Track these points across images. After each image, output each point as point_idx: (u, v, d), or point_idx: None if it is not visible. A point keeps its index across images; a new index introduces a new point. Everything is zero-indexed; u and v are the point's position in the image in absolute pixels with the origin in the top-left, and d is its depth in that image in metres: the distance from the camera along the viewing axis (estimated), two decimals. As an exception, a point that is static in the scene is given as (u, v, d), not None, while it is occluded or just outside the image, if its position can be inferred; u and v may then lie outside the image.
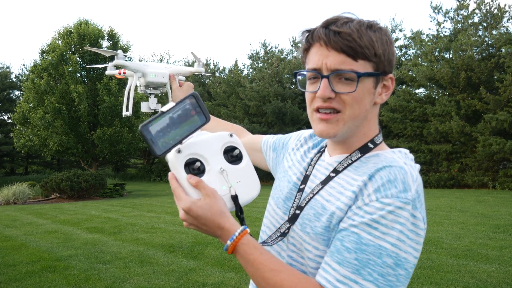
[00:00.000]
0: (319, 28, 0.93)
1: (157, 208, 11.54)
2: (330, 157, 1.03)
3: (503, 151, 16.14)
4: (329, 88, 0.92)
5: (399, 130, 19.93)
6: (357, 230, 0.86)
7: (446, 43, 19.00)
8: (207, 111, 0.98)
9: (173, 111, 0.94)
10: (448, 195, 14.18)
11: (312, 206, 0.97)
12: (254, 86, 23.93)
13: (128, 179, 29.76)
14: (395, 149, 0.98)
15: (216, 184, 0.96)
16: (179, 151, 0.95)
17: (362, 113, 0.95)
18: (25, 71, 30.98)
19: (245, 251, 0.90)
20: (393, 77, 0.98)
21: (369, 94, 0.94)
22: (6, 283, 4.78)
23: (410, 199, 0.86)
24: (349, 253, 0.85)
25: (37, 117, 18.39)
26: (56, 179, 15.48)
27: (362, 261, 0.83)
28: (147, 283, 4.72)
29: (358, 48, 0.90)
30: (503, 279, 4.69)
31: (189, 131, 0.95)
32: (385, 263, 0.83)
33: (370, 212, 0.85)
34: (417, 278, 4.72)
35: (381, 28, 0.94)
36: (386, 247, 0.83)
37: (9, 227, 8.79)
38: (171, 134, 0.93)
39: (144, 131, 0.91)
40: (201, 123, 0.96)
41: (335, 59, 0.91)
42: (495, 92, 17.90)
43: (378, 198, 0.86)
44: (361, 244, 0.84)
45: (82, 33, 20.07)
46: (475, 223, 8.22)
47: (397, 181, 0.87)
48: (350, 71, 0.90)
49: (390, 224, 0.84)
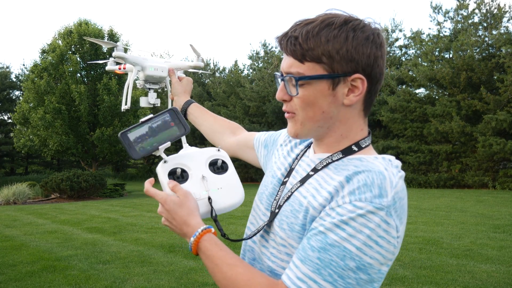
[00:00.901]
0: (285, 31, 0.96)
1: (157, 208, 11.51)
2: (314, 154, 1.03)
3: (503, 151, 16.14)
4: (284, 90, 0.95)
5: (399, 130, 19.92)
6: (325, 229, 0.85)
7: (446, 43, 19.00)
8: (186, 123, 1.05)
9: (152, 121, 1.02)
10: (448, 195, 14.18)
11: (290, 202, 0.97)
12: (254, 86, 23.94)
13: (128, 179, 29.76)
14: (379, 156, 0.96)
15: (196, 190, 1.03)
16: (165, 161, 1.03)
17: (319, 115, 0.93)
18: (25, 71, 31.00)
19: (206, 247, 0.93)
20: (362, 77, 0.90)
21: (324, 96, 0.91)
22: (6, 283, 4.78)
23: (384, 205, 0.83)
24: (312, 251, 0.84)
25: (37, 117, 18.38)
26: (56, 179, 15.49)
27: (324, 261, 0.83)
28: (147, 283, 4.71)
29: (301, 51, 0.90)
30: (503, 279, 4.69)
31: (168, 140, 1.02)
32: (347, 266, 0.82)
33: (340, 214, 0.84)
34: (417, 278, 4.72)
35: (356, 27, 0.90)
36: (350, 250, 0.82)
37: (9, 227, 8.79)
38: (149, 141, 1.01)
39: (122, 137, 0.99)
40: (180, 133, 1.04)
41: (286, 62, 0.93)
42: (495, 92, 17.90)
43: (351, 201, 0.84)
44: (326, 244, 0.83)
45: (82, 33, 20.05)
46: (475, 223, 8.22)
47: (373, 185, 0.85)
48: (296, 74, 0.91)
49: (358, 227, 0.82)
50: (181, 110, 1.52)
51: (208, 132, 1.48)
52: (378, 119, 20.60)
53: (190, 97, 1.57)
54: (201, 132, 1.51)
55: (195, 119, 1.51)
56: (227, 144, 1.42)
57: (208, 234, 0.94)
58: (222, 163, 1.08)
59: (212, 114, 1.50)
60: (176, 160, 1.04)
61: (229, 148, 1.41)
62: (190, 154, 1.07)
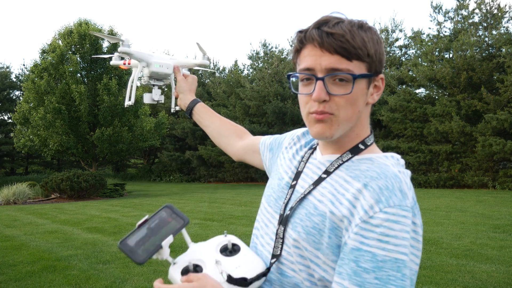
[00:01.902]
0: (311, 29, 0.92)
1: (157, 208, 11.62)
2: (322, 155, 1.02)
3: (503, 151, 16.13)
4: (324, 90, 0.90)
5: (399, 130, 19.92)
6: (370, 248, 0.83)
7: (446, 43, 19.00)
8: (184, 215, 1.01)
9: (149, 222, 0.98)
10: (448, 195, 14.18)
11: (304, 205, 0.96)
12: (254, 86, 23.93)
13: (128, 179, 29.76)
14: (387, 154, 0.97)
15: (214, 275, 0.96)
16: (174, 263, 0.99)
17: (356, 115, 0.94)
18: (25, 71, 31.02)
19: None
20: (383, 77, 0.98)
21: (362, 95, 0.94)
22: (6, 283, 4.78)
23: (409, 206, 0.85)
24: (367, 273, 0.83)
25: (37, 117, 18.37)
26: (56, 179, 15.48)
27: (383, 279, 0.82)
28: (147, 283, 4.71)
29: (352, 49, 0.88)
30: (503, 279, 4.69)
31: (169, 234, 0.98)
32: (405, 276, 0.82)
33: (377, 225, 0.83)
34: (417, 278, 4.72)
35: (371, 28, 0.93)
36: (402, 259, 0.82)
37: (9, 227, 8.79)
38: (151, 240, 0.97)
39: (122, 246, 0.95)
40: (179, 225, 1.00)
41: (329, 60, 0.89)
42: (495, 92, 17.90)
43: (382, 209, 0.84)
44: (377, 262, 0.82)
45: (83, 33, 20.06)
46: (475, 223, 8.22)
47: (395, 189, 0.86)
48: (346, 71, 0.89)
49: (399, 234, 0.83)
50: (186, 109, 1.50)
51: (215, 135, 1.46)
52: (378, 119, 20.60)
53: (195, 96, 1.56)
54: (207, 133, 1.49)
55: (201, 120, 1.48)
56: (234, 149, 1.41)
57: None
58: (232, 246, 1.03)
59: (218, 116, 1.48)
60: (186, 257, 1.00)
61: (235, 153, 1.40)
62: (198, 248, 1.03)
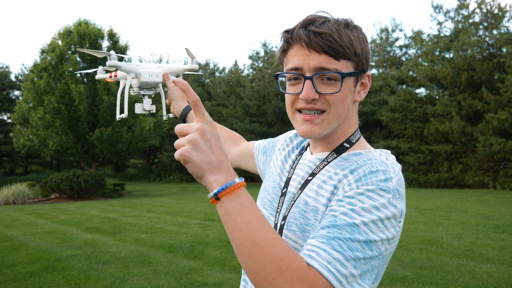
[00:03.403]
0: (298, 28, 0.92)
1: (157, 208, 11.53)
2: (311, 155, 1.04)
3: (504, 151, 16.13)
4: (313, 89, 0.91)
5: (399, 130, 19.92)
6: (336, 213, 0.85)
7: (447, 43, 18.99)
8: None
9: None
10: (448, 195, 14.18)
11: (296, 204, 0.98)
12: (254, 86, 23.92)
13: (128, 179, 29.73)
14: (377, 150, 1.00)
15: None
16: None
17: (345, 112, 0.96)
18: (24, 71, 30.92)
19: (244, 200, 0.79)
20: (369, 74, 1.00)
21: (350, 93, 0.95)
22: (6, 283, 4.77)
23: (390, 188, 0.86)
24: (322, 229, 0.84)
25: (36, 117, 18.35)
26: (55, 179, 15.47)
27: (334, 234, 0.82)
28: (147, 283, 4.70)
29: (339, 48, 0.90)
30: (504, 279, 4.68)
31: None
32: (356, 239, 0.81)
33: (349, 196, 0.85)
34: (417, 278, 4.71)
35: (356, 27, 0.95)
36: (358, 225, 0.82)
37: (8, 227, 8.78)
38: None
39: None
40: None
41: (317, 59, 0.90)
42: (496, 92, 17.89)
43: (359, 186, 0.86)
44: (335, 221, 0.83)
45: (82, 33, 20.03)
46: (475, 223, 8.21)
47: (378, 172, 0.88)
48: (334, 70, 0.90)
49: (367, 207, 0.83)
50: (180, 116, 1.53)
51: None
52: (378, 119, 20.59)
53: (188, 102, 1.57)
54: None
55: None
56: (230, 156, 1.42)
57: (244, 188, 0.81)
58: None
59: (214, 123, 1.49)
60: None
61: (231, 159, 1.42)
62: None
